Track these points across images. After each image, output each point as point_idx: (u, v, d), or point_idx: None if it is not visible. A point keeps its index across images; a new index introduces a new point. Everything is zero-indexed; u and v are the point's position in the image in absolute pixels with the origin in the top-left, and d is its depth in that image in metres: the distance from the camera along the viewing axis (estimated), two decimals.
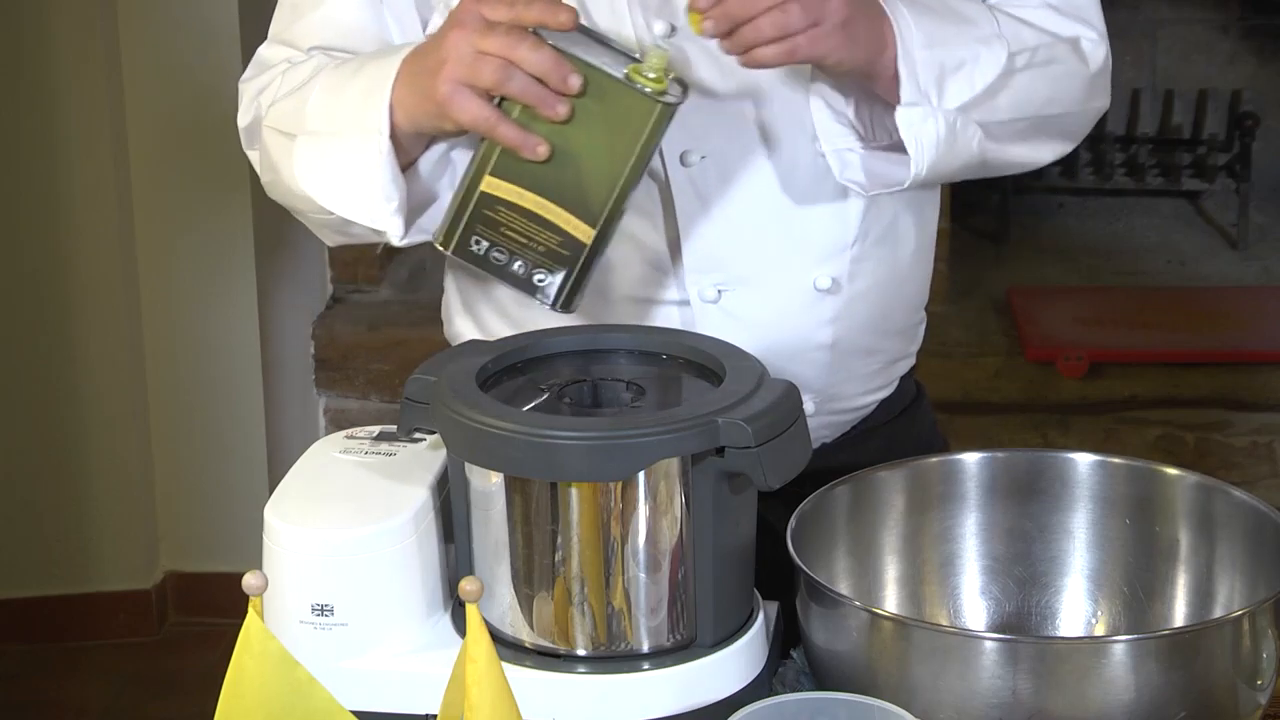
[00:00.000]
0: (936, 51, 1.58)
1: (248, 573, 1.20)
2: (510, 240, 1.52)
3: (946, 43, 1.59)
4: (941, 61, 1.58)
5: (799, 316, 1.67)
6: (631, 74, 1.47)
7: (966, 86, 1.60)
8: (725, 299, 1.65)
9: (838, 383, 1.72)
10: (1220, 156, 4.34)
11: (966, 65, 1.60)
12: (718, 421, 1.38)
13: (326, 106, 1.60)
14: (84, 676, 3.38)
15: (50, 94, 3.25)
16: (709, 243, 1.65)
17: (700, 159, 1.63)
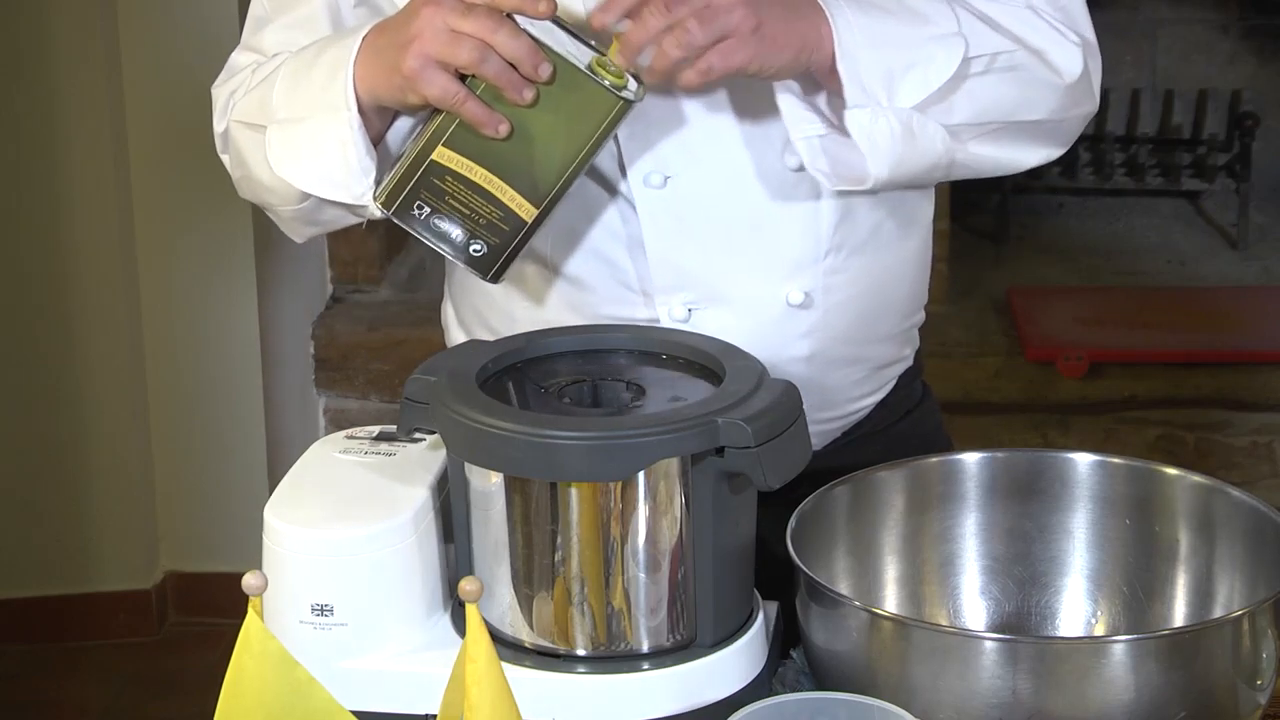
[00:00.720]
0: (884, 51, 1.55)
1: (248, 573, 1.20)
2: (453, 209, 1.54)
3: (895, 42, 1.55)
4: (889, 61, 1.55)
5: (772, 332, 1.65)
6: (595, 66, 1.51)
7: (920, 86, 1.56)
8: (696, 317, 1.64)
9: (819, 393, 1.70)
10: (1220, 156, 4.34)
11: (918, 65, 1.56)
12: (717, 421, 1.38)
13: (292, 93, 1.62)
14: (84, 676, 3.38)
15: (50, 94, 3.25)
16: (677, 262, 1.64)
17: (665, 180, 1.62)
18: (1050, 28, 1.64)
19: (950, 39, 1.57)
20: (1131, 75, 4.36)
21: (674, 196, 1.62)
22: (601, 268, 1.66)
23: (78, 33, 3.22)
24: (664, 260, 1.64)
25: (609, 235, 1.65)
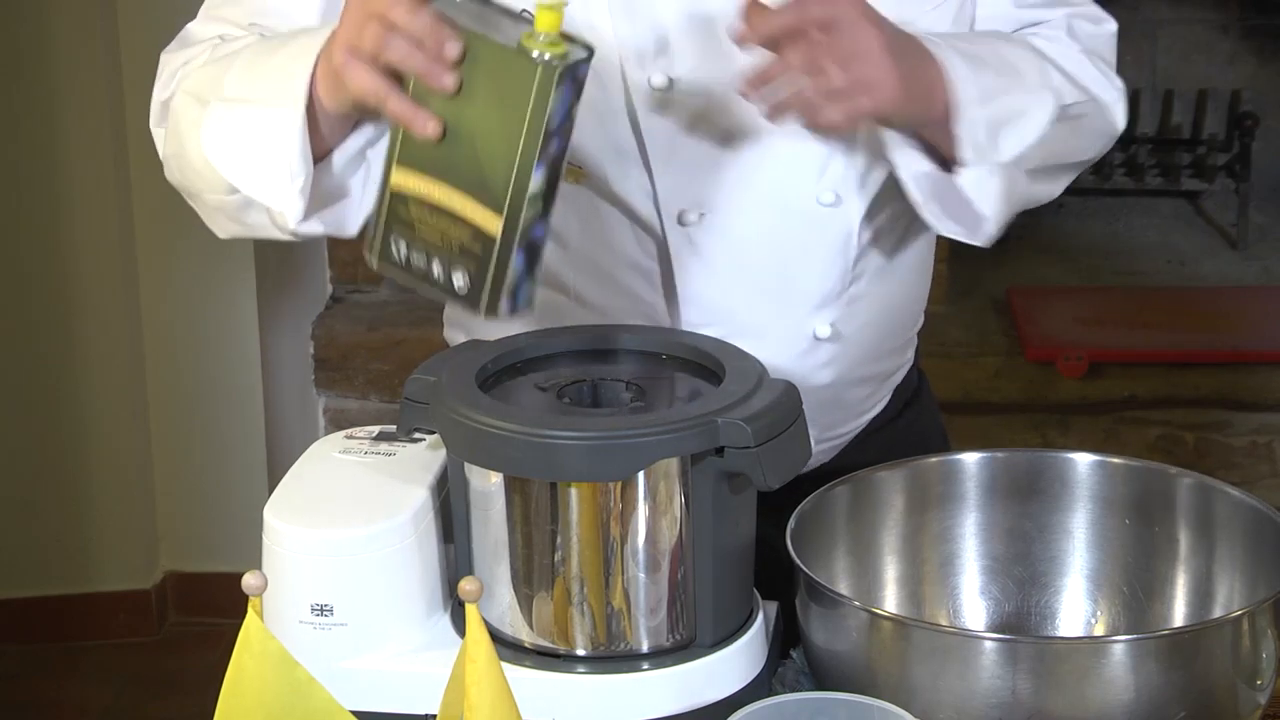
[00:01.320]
0: (989, 107, 1.55)
1: (247, 573, 1.20)
2: (424, 240, 1.39)
3: (997, 97, 1.56)
4: (993, 115, 1.56)
5: (797, 364, 1.65)
6: (524, 40, 1.32)
7: (1018, 140, 1.58)
8: None
9: (835, 413, 1.71)
10: (1220, 156, 4.34)
11: (1016, 121, 1.58)
12: (717, 421, 1.38)
13: (248, 74, 1.51)
14: (84, 676, 3.38)
15: (50, 94, 3.25)
16: (707, 298, 1.63)
17: (700, 216, 1.60)
18: (1102, 76, 1.69)
19: (1042, 92, 1.60)
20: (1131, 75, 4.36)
21: (707, 234, 1.61)
22: (627, 302, 1.64)
23: (78, 33, 3.22)
24: (694, 297, 1.63)
25: (636, 271, 1.63)
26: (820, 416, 1.67)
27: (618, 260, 1.63)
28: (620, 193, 1.60)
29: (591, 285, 1.64)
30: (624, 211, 1.61)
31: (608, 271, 1.64)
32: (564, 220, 1.60)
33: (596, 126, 1.56)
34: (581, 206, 1.61)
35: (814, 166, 1.60)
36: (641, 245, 1.62)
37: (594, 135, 1.57)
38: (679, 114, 1.57)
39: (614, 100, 1.57)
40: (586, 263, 1.64)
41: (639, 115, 1.57)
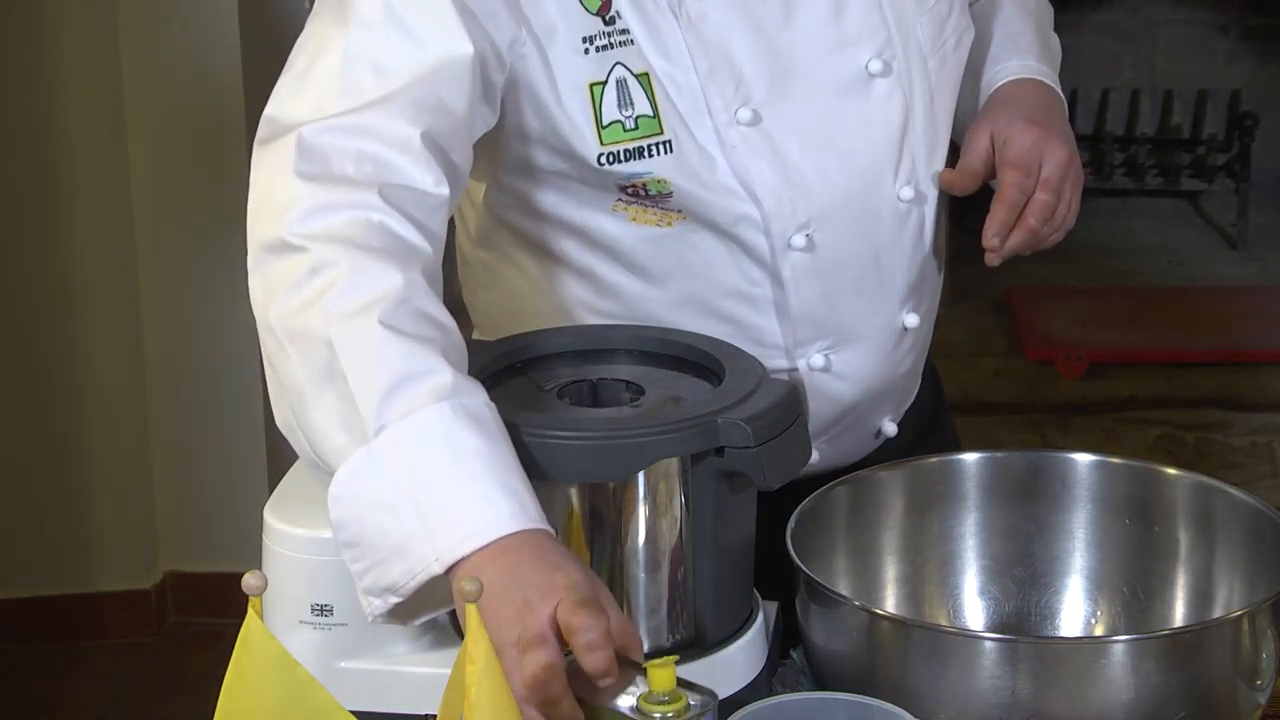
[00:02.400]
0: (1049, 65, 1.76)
1: (247, 573, 1.20)
2: None
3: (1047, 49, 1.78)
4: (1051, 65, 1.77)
5: (890, 358, 1.67)
6: (642, 703, 1.25)
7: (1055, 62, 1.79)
8: (833, 362, 1.64)
9: (904, 398, 1.74)
10: (1219, 156, 4.34)
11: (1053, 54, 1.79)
12: (717, 421, 1.38)
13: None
14: (84, 676, 3.37)
15: (50, 94, 3.25)
16: (818, 316, 1.62)
17: (805, 239, 1.59)
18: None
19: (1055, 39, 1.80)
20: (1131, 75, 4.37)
21: (817, 255, 1.60)
22: (731, 329, 1.61)
23: (78, 33, 3.22)
24: (807, 317, 1.62)
25: (740, 299, 1.61)
26: (900, 405, 1.73)
27: (720, 291, 1.61)
28: (724, 225, 1.58)
29: (691, 320, 1.61)
30: (730, 245, 1.59)
31: (710, 304, 1.62)
32: (658, 262, 1.59)
33: (694, 166, 1.55)
34: (678, 246, 1.59)
35: (891, 168, 1.61)
36: (745, 273, 1.60)
37: (692, 176, 1.55)
38: (769, 144, 1.56)
39: (706, 139, 1.54)
40: (687, 299, 1.61)
41: (736, 151, 1.55)
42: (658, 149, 1.52)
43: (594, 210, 1.57)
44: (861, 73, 1.58)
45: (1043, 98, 1.70)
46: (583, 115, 1.51)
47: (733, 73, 1.54)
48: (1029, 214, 1.63)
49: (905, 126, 1.61)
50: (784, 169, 1.56)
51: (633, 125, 1.52)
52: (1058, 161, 1.64)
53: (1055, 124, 1.67)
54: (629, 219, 1.57)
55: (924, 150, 1.63)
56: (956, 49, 1.66)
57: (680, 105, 1.53)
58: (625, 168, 1.53)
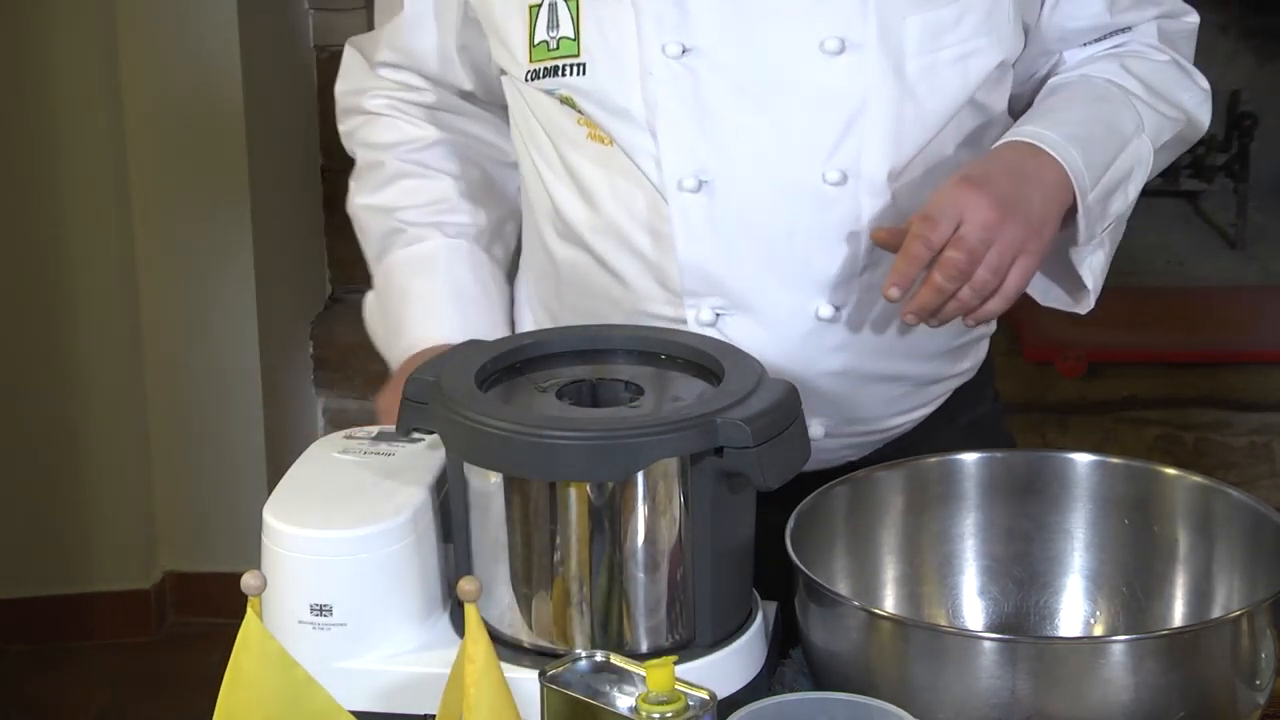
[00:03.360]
0: (1103, 183, 1.63)
1: (246, 573, 1.20)
2: None
3: (1108, 167, 1.64)
4: (1105, 189, 1.64)
5: (800, 345, 1.64)
6: (641, 704, 1.25)
7: (1123, 200, 1.67)
8: (723, 323, 1.64)
9: (854, 408, 1.69)
10: (1219, 156, 4.33)
11: (1123, 182, 1.66)
12: (716, 421, 1.38)
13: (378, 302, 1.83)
14: (83, 676, 3.38)
15: (50, 94, 3.25)
16: (706, 267, 1.63)
17: (700, 184, 1.61)
18: (1192, 83, 1.77)
19: (1137, 140, 1.68)
20: None
21: (709, 202, 1.62)
22: (638, 264, 1.66)
23: (78, 33, 3.23)
24: (694, 264, 1.63)
25: (650, 234, 1.65)
26: (833, 409, 1.68)
27: (636, 223, 1.65)
28: (633, 156, 1.63)
29: (612, 247, 1.67)
30: (639, 173, 1.63)
31: (627, 234, 1.66)
32: (594, 182, 1.66)
33: (613, 88, 1.61)
34: (610, 169, 1.65)
35: (824, 146, 1.60)
36: (656, 209, 1.64)
37: (611, 100, 1.62)
38: (689, 82, 1.59)
39: (629, 65, 1.60)
40: (610, 225, 1.66)
41: (650, 80, 1.60)
42: (571, 70, 1.63)
43: (563, 120, 1.66)
44: (816, 48, 1.58)
45: (1013, 162, 1.60)
46: (520, 35, 1.65)
47: (677, 5, 1.59)
48: (936, 270, 1.53)
49: (857, 114, 1.60)
50: (698, 110, 1.60)
51: (555, 46, 1.63)
52: (979, 221, 1.53)
53: (999, 185, 1.56)
54: (587, 135, 1.65)
55: (878, 144, 1.61)
56: (957, 64, 1.62)
57: (608, 29, 1.61)
58: (543, 83, 1.64)
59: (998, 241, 1.54)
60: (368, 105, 1.83)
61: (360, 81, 1.84)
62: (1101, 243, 1.68)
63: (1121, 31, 1.74)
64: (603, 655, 1.29)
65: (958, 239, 1.53)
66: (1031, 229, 1.56)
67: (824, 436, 1.68)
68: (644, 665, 1.25)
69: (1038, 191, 1.58)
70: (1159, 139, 1.71)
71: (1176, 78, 1.75)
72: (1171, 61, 1.75)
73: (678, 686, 1.24)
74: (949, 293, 1.54)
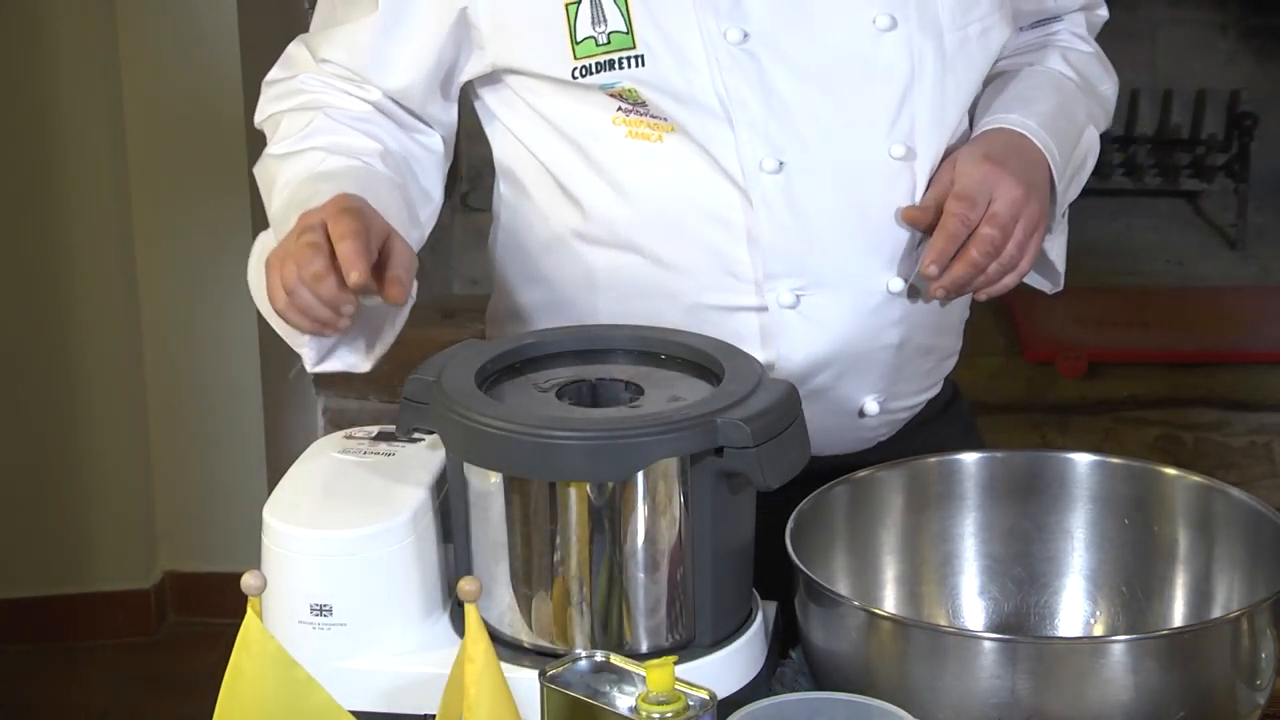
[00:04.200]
0: (1068, 171, 1.72)
1: (246, 573, 1.20)
2: None
3: (1069, 155, 1.73)
4: (1070, 176, 1.74)
5: (872, 319, 1.67)
6: (641, 704, 1.25)
7: (1078, 187, 1.77)
8: (803, 304, 1.65)
9: (900, 382, 1.72)
10: (1219, 156, 4.33)
11: (1079, 170, 1.76)
12: (716, 421, 1.38)
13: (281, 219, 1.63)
14: (83, 676, 3.38)
15: (50, 94, 3.25)
16: (788, 248, 1.64)
17: (780, 165, 1.63)
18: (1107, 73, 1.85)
19: (1089, 132, 1.77)
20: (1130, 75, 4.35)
21: (787, 182, 1.63)
22: (706, 256, 1.66)
23: (78, 33, 3.22)
24: (776, 247, 1.64)
25: (717, 223, 1.65)
26: (886, 384, 1.70)
27: (697, 213, 1.66)
28: (703, 144, 1.63)
29: (667, 243, 1.67)
30: (708, 163, 1.64)
31: (686, 226, 1.66)
32: (635, 181, 1.66)
33: (678, 79, 1.62)
34: (658, 164, 1.65)
35: (885, 121, 1.64)
36: (723, 196, 1.65)
37: (676, 88, 1.62)
38: (754, 67, 1.62)
39: (693, 54, 1.61)
40: (663, 219, 1.66)
41: (718, 68, 1.61)
42: (628, 62, 1.62)
43: (597, 121, 1.65)
44: (869, 24, 1.63)
45: (1016, 144, 1.68)
46: (558, 32, 1.63)
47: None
48: (971, 246, 1.61)
49: (909, 88, 1.64)
50: (766, 94, 1.62)
51: (605, 40, 1.62)
52: (1009, 199, 1.63)
53: (1015, 165, 1.65)
54: (626, 134, 1.65)
55: (928, 117, 1.66)
56: (981, 38, 1.68)
57: (662, 19, 1.62)
58: (597, 78, 1.63)
59: (1023, 218, 1.63)
60: (303, 83, 1.73)
61: (292, 70, 1.75)
62: (1062, 228, 1.78)
63: (1055, 20, 1.83)
64: (603, 655, 1.29)
65: (992, 215, 1.62)
66: (1044, 207, 1.67)
67: (877, 413, 1.71)
68: (644, 665, 1.25)
69: (1040, 173, 1.67)
70: (1098, 129, 1.79)
71: (1099, 70, 1.84)
72: (1095, 54, 1.84)
73: (678, 686, 1.24)
74: (982, 268, 1.62)
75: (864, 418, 1.70)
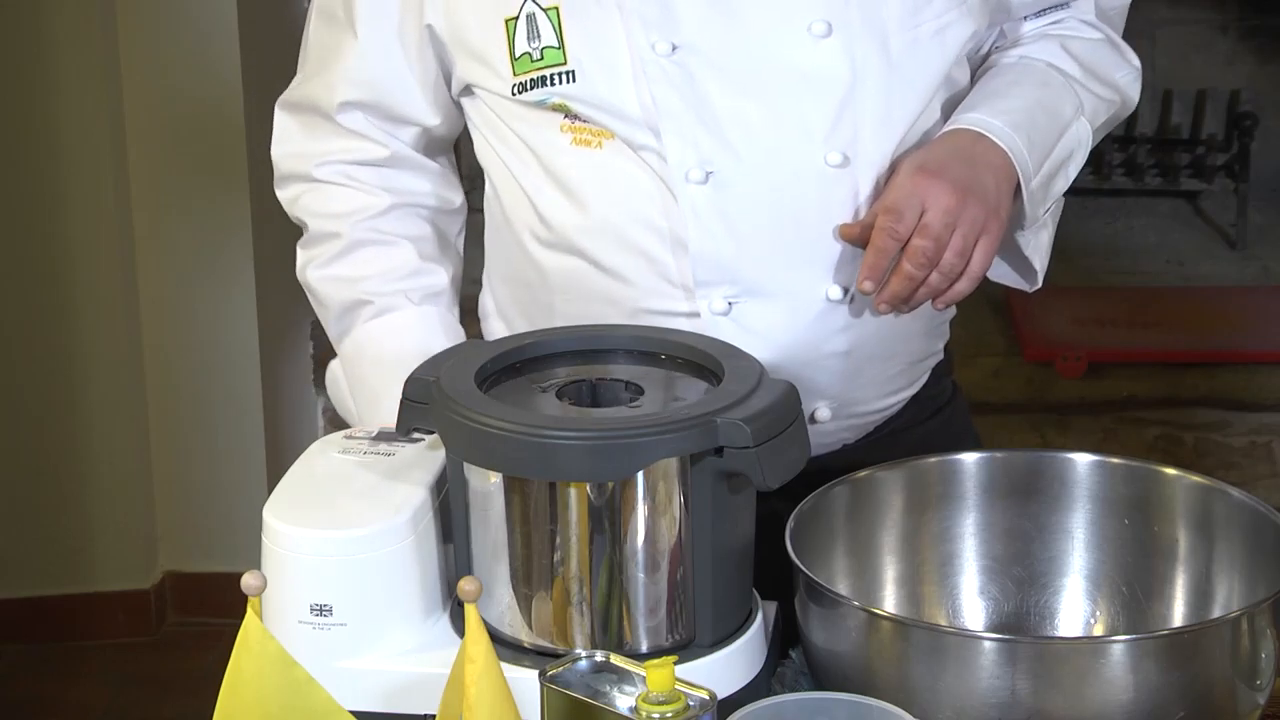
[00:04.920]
0: (1045, 167, 1.68)
1: (246, 573, 1.20)
2: None
3: (1050, 149, 1.69)
4: (1048, 172, 1.69)
5: (812, 327, 1.65)
6: (640, 704, 1.25)
7: (1064, 180, 1.72)
8: (736, 311, 1.64)
9: (855, 388, 1.70)
10: (1219, 156, 4.34)
11: (1064, 164, 1.71)
12: (716, 421, 1.38)
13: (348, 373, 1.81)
14: (83, 676, 3.38)
15: (50, 94, 3.25)
16: (718, 256, 1.64)
17: (706, 175, 1.62)
18: (1124, 61, 1.81)
19: (1078, 124, 1.72)
20: None
21: (716, 192, 1.63)
22: (641, 262, 1.66)
23: (78, 33, 3.22)
24: (705, 255, 1.64)
25: (649, 230, 1.65)
26: (838, 391, 1.69)
27: (635, 221, 1.65)
28: (637, 154, 1.63)
29: (609, 249, 1.67)
30: (643, 170, 1.64)
31: (625, 233, 1.66)
32: (588, 186, 1.66)
33: (607, 93, 1.62)
34: (599, 170, 1.65)
35: (822, 128, 1.62)
36: (656, 204, 1.64)
37: (605, 102, 1.62)
38: (684, 77, 1.61)
39: (622, 68, 1.61)
40: (605, 225, 1.66)
41: (645, 81, 1.61)
42: (560, 78, 1.63)
43: (546, 129, 1.66)
44: (804, 32, 1.61)
45: (964, 147, 1.64)
46: (499, 49, 1.64)
47: (661, 4, 1.60)
48: (905, 259, 1.58)
49: (849, 94, 1.62)
50: (697, 104, 1.61)
51: (539, 56, 1.63)
52: (941, 208, 1.58)
53: (954, 171, 1.61)
54: (571, 141, 1.66)
55: (872, 123, 1.63)
56: (936, 37, 1.65)
57: (593, 32, 1.62)
58: (532, 95, 1.64)
59: (960, 225, 1.59)
60: (316, 174, 1.78)
61: (302, 146, 1.79)
62: (1045, 224, 1.74)
63: (1060, 7, 1.79)
64: (603, 655, 1.29)
65: (923, 227, 1.58)
66: (990, 209, 1.61)
67: (830, 419, 1.69)
68: (644, 665, 1.25)
69: (989, 174, 1.63)
70: (1096, 119, 1.75)
71: (1110, 56, 1.80)
72: (1105, 40, 1.81)
73: (678, 686, 1.24)
74: (919, 279, 1.59)
75: (817, 424, 1.69)
